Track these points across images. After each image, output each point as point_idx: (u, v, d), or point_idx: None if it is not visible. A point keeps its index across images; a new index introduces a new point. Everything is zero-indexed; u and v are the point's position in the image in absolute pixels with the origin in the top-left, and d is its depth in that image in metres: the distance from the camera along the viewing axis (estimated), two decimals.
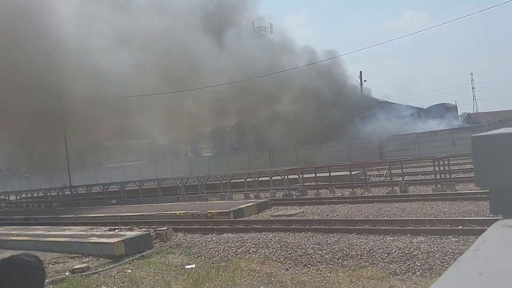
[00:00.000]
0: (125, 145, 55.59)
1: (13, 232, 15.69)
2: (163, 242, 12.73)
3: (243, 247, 11.17)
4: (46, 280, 9.55)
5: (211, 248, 11.51)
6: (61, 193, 30.25)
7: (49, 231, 14.98)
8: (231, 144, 43.85)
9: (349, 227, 11.86)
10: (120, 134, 52.71)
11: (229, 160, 37.66)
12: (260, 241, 11.61)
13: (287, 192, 20.66)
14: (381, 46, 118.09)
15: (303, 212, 15.68)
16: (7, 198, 34.27)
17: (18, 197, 33.72)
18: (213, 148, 45.90)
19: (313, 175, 21.65)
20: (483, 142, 1.16)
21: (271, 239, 11.71)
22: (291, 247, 10.50)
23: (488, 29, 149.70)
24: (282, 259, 9.96)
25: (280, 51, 38.35)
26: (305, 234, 11.79)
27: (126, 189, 27.27)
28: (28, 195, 33.07)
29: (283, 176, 21.63)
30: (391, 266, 8.57)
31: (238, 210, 15.89)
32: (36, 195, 32.26)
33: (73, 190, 29.80)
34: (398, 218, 12.44)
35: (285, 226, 13.09)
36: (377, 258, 9.07)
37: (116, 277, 9.76)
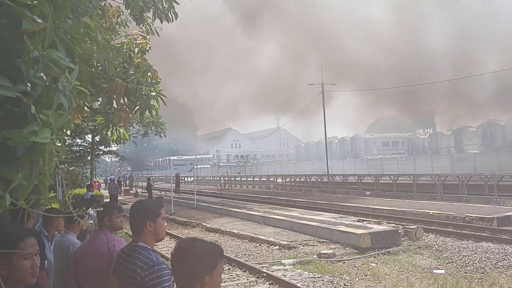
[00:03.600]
0: (383, 138, 55.48)
1: (275, 211, 17.51)
2: (411, 241, 12.03)
3: (505, 261, 9.52)
4: (295, 259, 10.19)
5: (465, 256, 10.21)
6: (319, 180, 32.30)
7: (303, 214, 16.10)
8: (505, 140, 38.27)
9: None
10: (380, 126, 52.95)
11: (501, 159, 32.95)
12: None
13: None
14: None
15: None
16: (275, 180, 38.66)
17: (284, 180, 37.65)
18: (481, 144, 41.01)
19: None
20: None
21: None
22: None
23: None
24: None
25: None
26: None
27: (380, 181, 27.10)
28: (292, 179, 36.57)
29: None
30: None
31: (504, 218, 13.69)
32: (298, 179, 35.39)
33: (330, 178, 31.38)
34: None
35: None
36: None
37: (359, 268, 9.67)
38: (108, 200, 26.24)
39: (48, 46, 1.79)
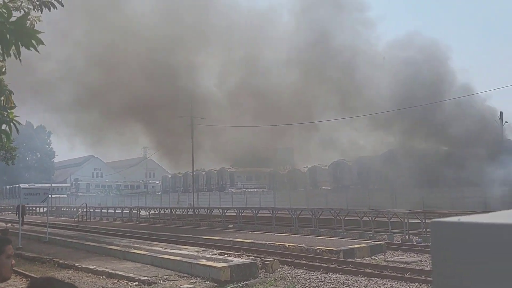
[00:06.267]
0: (248, 172, 57.64)
1: (136, 245, 16.98)
2: (268, 273, 12.64)
3: None
4: None
5: (315, 287, 11.09)
6: (184, 213, 32.21)
7: (166, 248, 15.88)
8: (352, 179, 42.57)
9: None
10: (245, 161, 55.07)
11: (348, 195, 36.57)
12: (368, 286, 10.90)
13: (406, 237, 19.24)
14: None
15: (421, 261, 14.41)
16: (138, 212, 37.48)
17: (148, 213, 36.70)
18: (332, 181, 45.03)
19: None
20: (447, 233, 0.79)
21: (381, 286, 10.93)
22: None
23: None
24: None
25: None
26: (419, 286, 10.77)
27: (243, 214, 28.02)
28: (156, 212, 35.84)
29: (403, 219, 20.25)
30: None
31: (349, 250, 15.19)
32: (163, 212, 34.83)
33: (195, 211, 31.51)
34: None
35: (398, 274, 12.13)
36: None
37: None
38: None
39: None
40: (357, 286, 10.97)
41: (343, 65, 39.36)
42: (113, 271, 12.68)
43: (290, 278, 12.14)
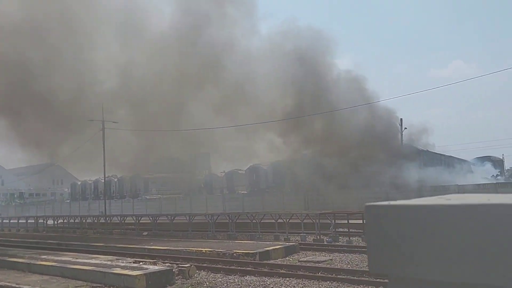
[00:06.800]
0: (163, 178, 56.49)
1: (43, 256, 15.98)
2: (185, 279, 12.57)
3: None
4: None
5: None
6: (96, 221, 30.87)
7: (77, 258, 15.15)
8: (268, 182, 43.59)
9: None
10: (159, 166, 53.90)
11: (264, 199, 37.37)
12: (283, 287, 11.26)
13: (318, 237, 20.13)
14: (425, 94, 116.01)
15: (331, 259, 15.16)
16: (45, 222, 35.22)
17: (56, 222, 34.62)
18: (248, 185, 45.74)
19: (346, 221, 21.06)
20: (379, 215, 0.97)
21: (295, 286, 11.34)
22: None
23: None
24: None
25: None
26: (330, 284, 11.34)
27: (158, 221, 27.48)
28: (65, 221, 33.95)
29: (314, 220, 21.16)
30: None
31: (264, 252, 15.56)
32: (73, 221, 33.10)
33: (107, 219, 30.33)
34: None
35: (311, 274, 12.65)
36: None
37: None
38: None
39: None
40: (272, 287, 11.30)
41: (216, 61, 39.87)
42: (16, 286, 11.86)
43: (207, 283, 12.18)
